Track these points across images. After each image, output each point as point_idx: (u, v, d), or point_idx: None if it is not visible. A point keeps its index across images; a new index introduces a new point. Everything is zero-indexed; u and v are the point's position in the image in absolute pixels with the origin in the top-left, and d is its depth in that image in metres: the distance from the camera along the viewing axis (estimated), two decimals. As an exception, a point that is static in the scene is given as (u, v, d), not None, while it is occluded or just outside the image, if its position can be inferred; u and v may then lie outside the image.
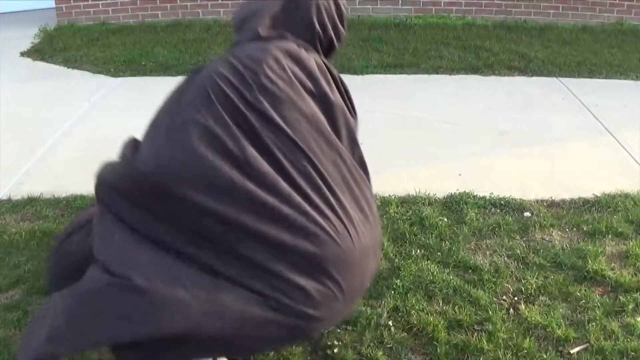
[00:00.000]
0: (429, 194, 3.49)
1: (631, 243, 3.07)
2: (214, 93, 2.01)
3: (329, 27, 2.27)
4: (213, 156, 1.90)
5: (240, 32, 2.25)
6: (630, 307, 2.64)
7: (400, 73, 5.39)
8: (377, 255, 2.22)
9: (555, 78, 5.32)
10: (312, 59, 2.17)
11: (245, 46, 2.16)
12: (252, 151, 1.93)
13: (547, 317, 2.58)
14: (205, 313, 1.83)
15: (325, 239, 1.92)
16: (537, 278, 2.83)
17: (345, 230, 1.97)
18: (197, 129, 1.94)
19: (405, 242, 3.06)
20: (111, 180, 2.10)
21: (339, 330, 2.49)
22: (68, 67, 5.56)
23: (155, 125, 2.11)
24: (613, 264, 2.94)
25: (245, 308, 1.86)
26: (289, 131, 1.98)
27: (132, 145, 2.14)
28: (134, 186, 1.99)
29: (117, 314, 1.84)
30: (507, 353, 2.40)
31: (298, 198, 1.93)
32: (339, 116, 2.15)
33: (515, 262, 2.96)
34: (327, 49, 2.31)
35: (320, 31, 2.24)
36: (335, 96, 2.17)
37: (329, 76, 2.20)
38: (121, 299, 1.84)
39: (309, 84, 2.11)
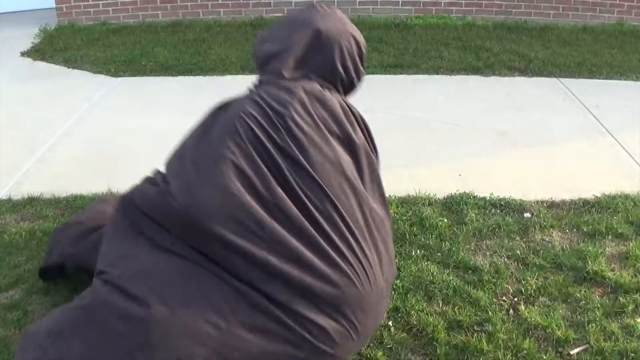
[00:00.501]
0: (429, 194, 3.49)
1: (631, 244, 3.07)
2: (244, 133, 2.06)
3: (351, 68, 2.33)
4: (244, 196, 1.97)
5: (264, 72, 2.30)
6: (630, 308, 2.64)
7: (400, 73, 5.39)
8: (389, 295, 2.28)
9: (555, 78, 5.32)
10: (336, 101, 2.23)
11: (271, 87, 2.20)
12: (280, 193, 2.01)
13: (547, 318, 2.58)
14: (225, 344, 1.87)
15: (346, 282, 2.00)
16: (537, 279, 2.83)
17: (364, 273, 2.04)
18: (229, 167, 2.00)
19: (405, 243, 3.06)
20: (141, 205, 2.12)
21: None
22: (68, 67, 5.56)
23: (181, 158, 2.15)
24: (613, 265, 2.94)
25: (266, 342, 1.90)
26: (315, 175, 2.05)
27: (161, 176, 2.17)
28: (166, 217, 2.03)
29: (126, 348, 1.85)
30: (507, 354, 2.40)
31: (322, 242, 2.01)
32: (362, 157, 2.22)
33: (515, 262, 2.96)
34: (348, 88, 2.37)
35: (342, 72, 2.30)
36: (358, 137, 2.23)
37: (352, 117, 2.26)
38: (134, 328, 1.86)
39: (334, 127, 2.18)
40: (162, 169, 2.22)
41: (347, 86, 2.36)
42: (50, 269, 2.70)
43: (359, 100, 2.36)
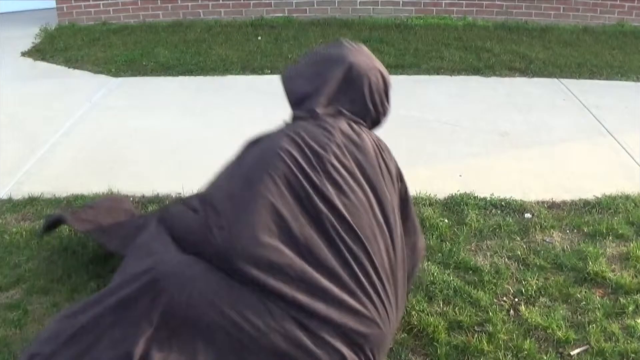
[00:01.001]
0: (429, 194, 3.49)
1: (632, 245, 3.07)
2: (282, 171, 2.13)
3: (378, 103, 2.41)
4: (277, 238, 2.06)
5: (298, 108, 2.36)
6: (630, 308, 2.64)
7: (401, 74, 5.39)
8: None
9: (556, 79, 5.32)
10: (369, 142, 2.30)
11: (309, 125, 2.26)
12: (313, 237, 2.09)
13: (548, 319, 2.58)
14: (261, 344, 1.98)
15: (370, 323, 2.07)
16: (537, 279, 2.83)
17: (386, 314, 2.13)
18: (265, 208, 2.08)
19: (406, 243, 3.06)
20: (178, 227, 2.21)
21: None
22: (69, 67, 5.56)
23: (218, 190, 2.23)
24: (613, 266, 2.94)
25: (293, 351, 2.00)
26: (348, 218, 2.13)
27: (200, 204, 2.22)
28: (203, 247, 2.10)
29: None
30: (507, 354, 2.40)
31: (351, 283, 2.08)
32: (392, 193, 2.31)
33: (516, 263, 2.96)
34: (374, 123, 2.45)
35: (371, 108, 2.39)
36: (390, 171, 2.33)
37: (384, 153, 2.35)
38: None
39: (368, 170, 2.25)
40: (202, 194, 2.32)
41: (374, 121, 2.45)
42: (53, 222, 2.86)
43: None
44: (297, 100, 2.40)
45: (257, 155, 2.23)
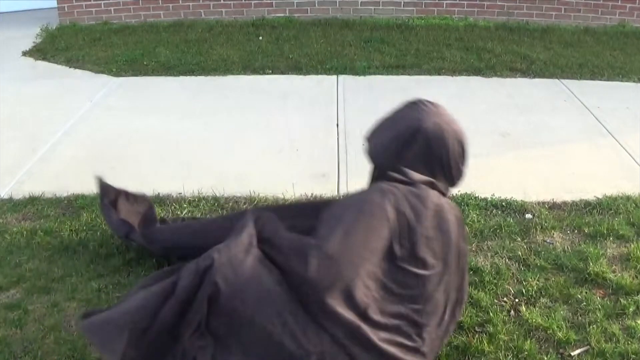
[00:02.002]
0: (430, 195, 3.48)
1: (632, 245, 3.07)
2: (377, 236, 2.18)
3: (454, 168, 2.44)
4: (369, 296, 2.17)
5: (388, 170, 2.37)
6: (631, 309, 2.64)
7: (402, 74, 5.39)
8: None
9: (557, 80, 5.32)
10: (454, 216, 2.35)
11: (405, 190, 2.29)
12: (390, 306, 2.19)
13: (548, 319, 2.58)
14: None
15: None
16: (538, 280, 2.82)
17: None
18: (371, 279, 2.17)
19: (407, 243, 3.06)
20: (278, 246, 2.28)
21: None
22: (70, 67, 5.56)
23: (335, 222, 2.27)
24: (614, 266, 2.94)
25: None
26: (424, 293, 2.23)
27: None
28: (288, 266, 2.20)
29: None
30: (507, 355, 2.40)
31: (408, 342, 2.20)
32: (462, 259, 2.39)
33: (517, 263, 2.96)
34: (449, 185, 2.49)
35: (448, 173, 2.43)
36: (463, 252, 2.38)
37: (462, 229, 2.41)
38: None
39: (450, 248, 2.30)
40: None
41: (449, 184, 2.47)
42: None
43: (360, 101, 2.37)
44: (384, 163, 2.41)
45: (367, 212, 2.25)
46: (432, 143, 2.36)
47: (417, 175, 2.33)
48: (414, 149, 2.35)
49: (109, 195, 3.01)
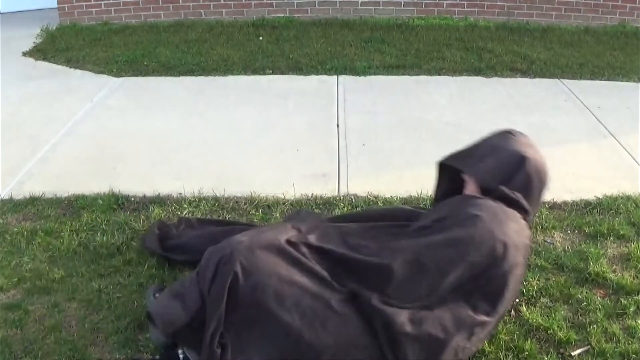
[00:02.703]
0: (431, 195, 3.48)
1: (633, 245, 3.07)
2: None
3: (536, 198, 2.51)
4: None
5: (491, 188, 2.45)
6: (631, 309, 2.64)
7: (402, 74, 5.39)
8: None
9: (557, 80, 5.32)
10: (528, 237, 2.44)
11: (512, 213, 2.38)
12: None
13: (549, 319, 2.58)
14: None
15: None
16: (538, 280, 2.82)
17: None
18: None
19: (407, 244, 3.05)
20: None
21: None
22: (70, 67, 5.56)
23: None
24: (615, 266, 2.94)
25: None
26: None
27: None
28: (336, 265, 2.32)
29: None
30: (508, 355, 2.40)
31: None
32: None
33: (517, 263, 2.95)
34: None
35: (535, 200, 2.49)
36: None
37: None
38: None
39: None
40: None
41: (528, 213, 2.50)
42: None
43: (361, 101, 2.36)
44: (492, 180, 2.47)
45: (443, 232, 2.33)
46: (533, 176, 2.45)
47: (513, 196, 2.41)
48: (518, 179, 2.44)
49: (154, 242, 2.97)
